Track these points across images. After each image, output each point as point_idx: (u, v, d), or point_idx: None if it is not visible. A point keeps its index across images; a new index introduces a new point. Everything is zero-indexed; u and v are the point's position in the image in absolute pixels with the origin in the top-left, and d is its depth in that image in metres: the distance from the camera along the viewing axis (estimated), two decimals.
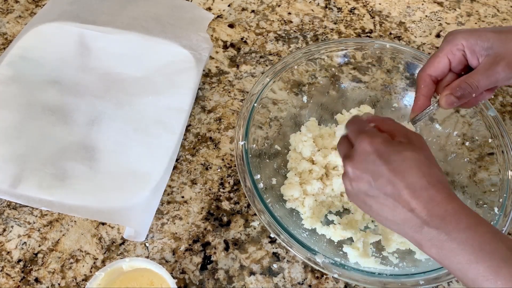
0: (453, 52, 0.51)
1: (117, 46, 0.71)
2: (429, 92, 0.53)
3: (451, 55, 0.51)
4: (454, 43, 0.51)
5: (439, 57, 0.52)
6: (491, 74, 0.48)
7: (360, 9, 0.82)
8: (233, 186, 0.62)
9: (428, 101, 0.53)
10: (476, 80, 0.49)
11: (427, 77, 0.53)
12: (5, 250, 0.57)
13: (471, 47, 0.50)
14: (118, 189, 0.59)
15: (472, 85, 0.49)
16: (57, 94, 0.67)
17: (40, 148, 0.62)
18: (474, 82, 0.49)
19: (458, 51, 0.51)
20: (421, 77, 0.53)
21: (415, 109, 0.54)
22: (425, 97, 0.53)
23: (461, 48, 0.50)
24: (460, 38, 0.50)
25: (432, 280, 0.50)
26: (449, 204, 0.41)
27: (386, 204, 0.42)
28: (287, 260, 0.57)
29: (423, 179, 0.41)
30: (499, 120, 0.60)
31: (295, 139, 0.63)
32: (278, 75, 0.64)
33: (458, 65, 0.52)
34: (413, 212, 0.41)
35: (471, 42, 0.50)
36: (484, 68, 0.49)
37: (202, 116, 0.68)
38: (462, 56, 0.51)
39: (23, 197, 0.58)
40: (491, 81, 0.49)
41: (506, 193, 0.55)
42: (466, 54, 0.51)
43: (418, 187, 0.41)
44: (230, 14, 0.80)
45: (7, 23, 0.78)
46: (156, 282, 0.51)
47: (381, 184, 0.42)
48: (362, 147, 0.43)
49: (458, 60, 0.51)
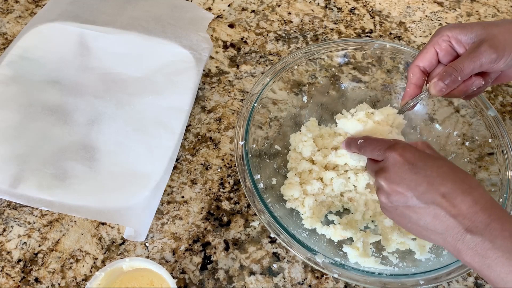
0: (439, 42, 0.52)
1: (117, 46, 0.71)
2: (418, 81, 0.54)
3: (438, 46, 0.53)
4: (440, 35, 0.52)
5: (426, 48, 0.53)
6: (474, 56, 0.49)
7: (360, 9, 0.82)
8: (233, 186, 0.62)
9: (418, 90, 0.55)
10: (460, 63, 0.50)
11: (415, 67, 0.54)
12: (5, 250, 0.57)
13: (456, 37, 0.51)
14: (118, 189, 0.59)
15: (457, 68, 0.50)
16: (57, 94, 0.67)
17: (40, 148, 0.62)
18: (458, 65, 0.50)
19: (444, 41, 0.52)
20: (410, 68, 0.55)
21: (405, 97, 0.55)
22: (415, 85, 0.55)
23: (446, 39, 0.52)
24: (445, 30, 0.52)
25: (432, 280, 0.50)
26: (492, 210, 0.39)
27: (426, 213, 0.41)
28: (287, 260, 0.57)
29: (463, 184, 0.41)
30: (499, 120, 0.60)
31: (295, 139, 0.63)
32: (278, 75, 0.64)
33: (446, 55, 0.53)
34: (456, 219, 0.40)
35: (455, 32, 0.51)
36: (468, 52, 0.50)
37: (202, 116, 0.68)
38: (449, 47, 0.52)
39: (23, 197, 0.58)
40: (476, 63, 0.49)
41: (506, 193, 0.55)
42: (452, 45, 0.52)
43: (459, 192, 0.40)
44: (230, 14, 0.80)
45: (7, 23, 0.78)
46: (156, 282, 0.51)
47: (420, 192, 0.41)
48: (394, 159, 0.43)
49: (445, 51, 0.52)
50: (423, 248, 0.55)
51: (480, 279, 0.56)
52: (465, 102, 0.63)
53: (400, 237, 0.55)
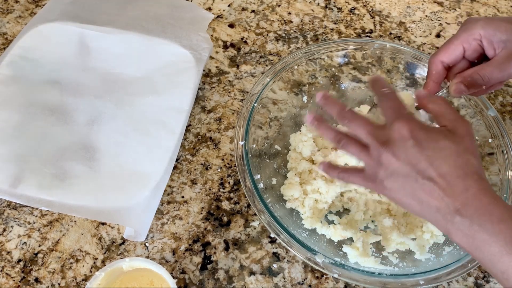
0: (469, 41, 0.50)
1: (117, 46, 0.71)
2: (440, 78, 0.52)
3: (467, 44, 0.50)
4: (471, 32, 0.50)
5: (454, 45, 0.51)
6: (504, 68, 0.48)
7: (360, 9, 0.82)
8: (233, 186, 0.62)
9: (437, 87, 0.53)
10: (488, 73, 0.48)
11: (439, 63, 0.52)
12: (5, 250, 0.57)
13: (489, 38, 0.49)
14: (118, 189, 0.59)
15: (484, 77, 0.48)
16: (57, 94, 0.67)
17: (40, 148, 0.62)
18: (486, 75, 0.48)
19: (475, 40, 0.50)
20: (433, 62, 0.52)
21: None
22: (435, 83, 0.53)
23: (478, 37, 0.50)
24: (479, 28, 0.50)
25: (432, 280, 0.50)
26: (484, 196, 0.40)
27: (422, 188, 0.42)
28: (287, 260, 0.57)
29: (459, 169, 0.41)
30: (499, 120, 0.60)
31: (295, 139, 0.63)
32: (278, 75, 0.64)
33: (473, 53, 0.51)
34: (448, 199, 0.41)
35: (489, 33, 0.49)
36: (498, 62, 0.48)
37: (202, 116, 0.68)
38: (478, 46, 0.50)
39: (23, 197, 0.58)
40: (504, 75, 0.48)
41: (506, 193, 0.55)
42: (483, 44, 0.50)
43: (454, 176, 0.41)
44: (230, 14, 0.80)
45: (7, 23, 0.78)
46: (156, 282, 0.51)
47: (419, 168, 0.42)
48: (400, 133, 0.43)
49: (473, 49, 0.51)
50: (423, 248, 0.55)
51: (480, 279, 0.56)
52: (465, 102, 0.63)
53: (400, 237, 0.55)
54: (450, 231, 0.41)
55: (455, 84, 0.49)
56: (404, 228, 0.57)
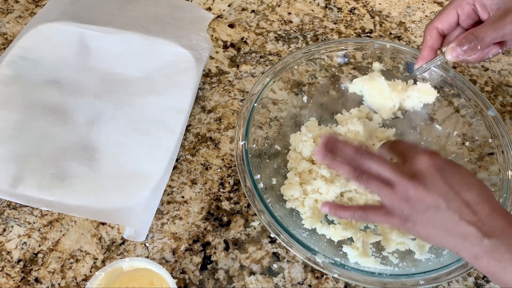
0: (462, 5, 0.51)
1: (117, 46, 0.71)
2: (435, 44, 0.53)
3: (460, 8, 0.51)
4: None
5: (448, 10, 0.51)
6: (498, 26, 0.48)
7: (360, 9, 0.82)
8: (233, 186, 0.62)
9: (433, 53, 0.53)
10: (483, 32, 0.48)
11: (433, 29, 0.52)
12: (5, 250, 0.57)
13: (481, 1, 0.50)
14: (118, 189, 0.59)
15: (479, 36, 0.48)
16: (57, 94, 0.67)
17: (40, 148, 0.62)
18: (480, 34, 0.48)
19: (468, 4, 0.50)
20: (428, 29, 0.53)
21: (420, 60, 0.53)
22: (431, 48, 0.53)
23: (470, 1, 0.50)
24: None
25: (432, 280, 0.50)
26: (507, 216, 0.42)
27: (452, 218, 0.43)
28: (287, 260, 0.57)
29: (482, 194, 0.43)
30: (499, 120, 0.60)
31: (295, 139, 0.63)
32: (278, 75, 0.64)
33: (467, 19, 0.51)
34: (476, 225, 0.42)
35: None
36: (492, 21, 0.49)
37: (202, 116, 0.68)
38: (472, 11, 0.50)
39: (23, 197, 0.58)
40: (498, 33, 0.48)
41: (506, 193, 0.55)
42: (476, 9, 0.50)
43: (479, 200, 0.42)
44: (230, 14, 0.80)
45: (7, 23, 0.78)
46: (156, 282, 0.51)
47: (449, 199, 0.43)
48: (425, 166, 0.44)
49: (467, 14, 0.51)
50: (422, 248, 0.55)
51: (480, 279, 0.56)
52: (465, 102, 0.63)
53: (400, 237, 0.55)
54: (478, 255, 0.42)
55: (451, 48, 0.50)
56: None
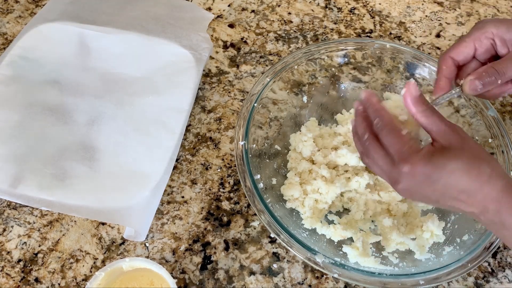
0: (481, 39, 0.49)
1: (117, 46, 0.71)
2: (451, 74, 0.51)
3: (478, 42, 0.50)
4: (483, 30, 0.49)
5: (466, 42, 0.50)
6: None
7: (360, 9, 0.82)
8: (233, 186, 0.62)
9: (449, 84, 0.51)
10: (504, 67, 0.47)
11: (449, 59, 0.51)
12: (5, 250, 0.57)
13: (502, 36, 0.49)
14: (118, 189, 0.59)
15: (500, 71, 0.47)
16: (57, 94, 0.67)
17: (40, 148, 0.62)
18: (502, 69, 0.47)
19: (487, 39, 0.49)
20: (443, 58, 0.51)
21: (437, 91, 0.51)
22: (447, 78, 0.51)
23: (490, 36, 0.49)
24: (491, 26, 0.49)
25: (432, 280, 0.50)
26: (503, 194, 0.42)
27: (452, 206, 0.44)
28: (287, 260, 0.57)
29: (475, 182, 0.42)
30: (499, 120, 0.60)
31: (295, 139, 0.63)
32: (278, 75, 0.64)
33: (484, 53, 0.50)
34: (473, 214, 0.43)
35: (502, 31, 0.49)
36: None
37: (202, 116, 0.68)
38: (491, 45, 0.50)
39: (23, 197, 0.58)
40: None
41: None
42: (495, 43, 0.49)
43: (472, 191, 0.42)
44: (230, 14, 0.80)
45: (7, 23, 0.78)
46: (156, 282, 0.51)
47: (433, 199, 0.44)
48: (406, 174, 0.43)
49: (485, 48, 0.50)
50: (423, 248, 0.55)
51: (480, 279, 0.56)
52: (465, 102, 0.63)
53: (400, 237, 0.55)
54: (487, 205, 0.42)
55: (469, 81, 0.48)
56: (404, 228, 0.57)
